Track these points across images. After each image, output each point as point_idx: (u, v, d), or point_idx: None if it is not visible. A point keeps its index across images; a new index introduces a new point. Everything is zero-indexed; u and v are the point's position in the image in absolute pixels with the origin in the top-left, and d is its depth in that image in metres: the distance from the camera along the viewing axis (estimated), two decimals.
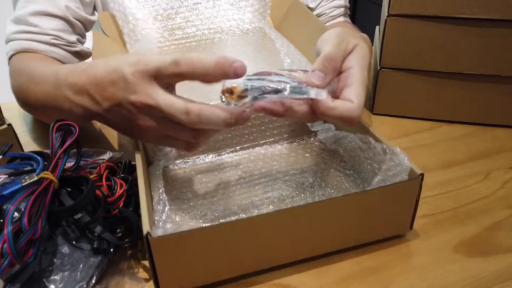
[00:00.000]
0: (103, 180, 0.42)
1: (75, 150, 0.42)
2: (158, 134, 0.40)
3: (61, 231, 0.38)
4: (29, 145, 0.60)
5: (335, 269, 0.41)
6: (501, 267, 0.41)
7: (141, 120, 0.39)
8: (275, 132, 0.55)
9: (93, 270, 0.38)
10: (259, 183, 0.49)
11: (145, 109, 0.38)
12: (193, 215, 0.45)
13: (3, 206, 0.34)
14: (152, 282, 0.36)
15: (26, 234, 0.33)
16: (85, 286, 0.36)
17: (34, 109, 0.56)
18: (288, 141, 0.56)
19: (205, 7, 0.69)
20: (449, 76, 0.62)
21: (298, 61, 0.58)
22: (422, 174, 0.40)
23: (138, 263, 0.41)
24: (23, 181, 0.36)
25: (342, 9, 0.78)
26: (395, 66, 0.64)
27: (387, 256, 0.42)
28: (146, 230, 0.33)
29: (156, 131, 0.39)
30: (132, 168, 0.47)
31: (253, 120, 0.54)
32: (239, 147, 0.55)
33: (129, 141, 0.55)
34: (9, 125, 0.50)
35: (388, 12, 0.60)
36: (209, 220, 0.44)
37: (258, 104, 0.38)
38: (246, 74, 0.38)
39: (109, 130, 0.45)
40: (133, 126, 0.40)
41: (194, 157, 0.53)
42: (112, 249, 0.39)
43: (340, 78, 0.41)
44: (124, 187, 0.42)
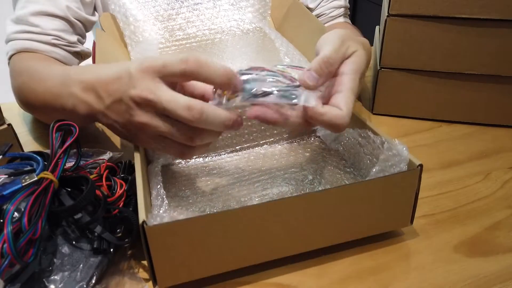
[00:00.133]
0: (103, 180, 0.42)
1: (75, 150, 0.42)
2: (154, 133, 0.39)
3: (61, 231, 0.38)
4: (29, 145, 0.60)
5: (335, 269, 0.41)
6: (501, 267, 0.41)
7: (138, 116, 0.38)
8: (275, 132, 0.55)
9: (93, 270, 0.38)
10: (258, 181, 0.49)
11: (143, 104, 0.38)
12: (192, 211, 0.45)
13: (3, 206, 0.34)
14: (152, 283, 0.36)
15: (26, 234, 0.33)
16: (85, 286, 0.36)
17: (34, 109, 0.56)
18: (288, 141, 0.56)
19: (206, 8, 0.69)
20: (449, 76, 0.62)
21: (298, 61, 0.58)
22: (421, 165, 0.39)
23: (138, 263, 0.41)
24: (23, 181, 0.36)
25: (342, 10, 0.78)
26: (395, 66, 0.64)
27: (387, 256, 0.42)
28: (142, 219, 0.33)
29: (152, 130, 0.38)
30: (132, 168, 0.47)
31: (253, 120, 0.54)
32: (239, 147, 0.55)
33: None
34: (9, 125, 0.50)
35: (388, 12, 0.60)
36: None
37: (252, 111, 0.39)
38: (240, 69, 0.39)
39: (109, 130, 0.45)
40: (130, 125, 0.40)
41: (194, 157, 0.53)
42: (112, 249, 0.39)
43: (331, 83, 0.41)
44: (124, 187, 0.42)
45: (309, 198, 0.38)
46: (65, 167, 0.39)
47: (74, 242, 0.38)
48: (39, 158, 0.39)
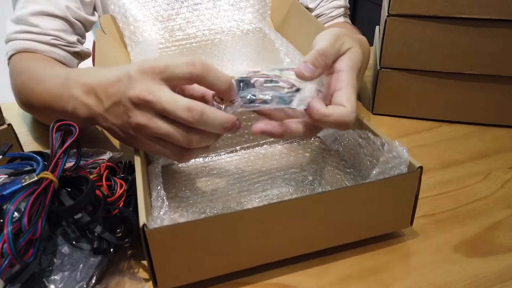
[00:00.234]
0: (103, 180, 0.42)
1: (75, 150, 0.42)
2: (152, 135, 0.39)
3: (61, 231, 0.38)
4: (29, 145, 0.60)
5: (335, 269, 0.41)
6: (501, 267, 0.41)
7: (135, 117, 0.38)
8: None
9: (93, 270, 0.38)
10: (259, 182, 0.49)
11: (142, 105, 0.37)
12: (192, 212, 0.45)
13: (3, 206, 0.34)
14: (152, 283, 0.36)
15: (26, 234, 0.33)
16: (85, 286, 0.36)
17: (34, 109, 0.56)
18: (288, 141, 0.56)
19: (206, 8, 0.69)
20: (449, 76, 0.62)
21: (298, 61, 0.58)
22: (421, 167, 0.39)
23: (138, 263, 0.41)
24: (23, 181, 0.36)
25: (342, 10, 0.78)
26: (395, 66, 0.64)
27: (387, 256, 0.42)
28: (143, 222, 0.33)
29: (150, 131, 0.38)
30: (132, 168, 0.47)
31: (253, 120, 0.54)
32: (239, 147, 0.55)
33: None
34: (9, 125, 0.50)
35: (388, 12, 0.60)
36: None
37: (256, 127, 0.39)
38: (239, 77, 0.40)
39: None
40: (128, 126, 0.40)
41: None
42: (112, 249, 0.39)
43: (330, 82, 0.41)
44: (124, 187, 0.42)
45: (310, 200, 0.38)
46: (65, 167, 0.39)
47: (74, 242, 0.38)
48: (39, 158, 0.38)
